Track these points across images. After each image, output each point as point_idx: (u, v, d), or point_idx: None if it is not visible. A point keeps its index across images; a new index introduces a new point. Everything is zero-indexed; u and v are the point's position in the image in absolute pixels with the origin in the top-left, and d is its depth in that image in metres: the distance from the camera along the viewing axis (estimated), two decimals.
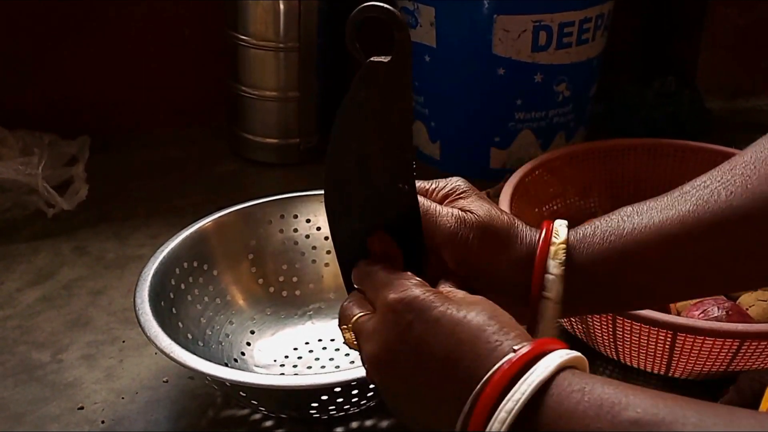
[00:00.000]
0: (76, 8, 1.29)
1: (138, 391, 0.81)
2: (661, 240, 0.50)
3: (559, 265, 0.50)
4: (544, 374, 0.39)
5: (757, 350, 0.74)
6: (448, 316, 0.43)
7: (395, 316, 0.44)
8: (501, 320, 0.43)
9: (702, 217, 0.49)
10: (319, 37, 1.22)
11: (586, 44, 1.17)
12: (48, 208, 1.11)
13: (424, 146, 1.28)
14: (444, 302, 0.44)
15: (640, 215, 0.51)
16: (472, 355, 0.41)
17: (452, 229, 0.50)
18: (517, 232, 0.52)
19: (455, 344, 0.42)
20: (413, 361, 0.43)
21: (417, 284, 0.46)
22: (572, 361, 0.41)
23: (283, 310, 0.90)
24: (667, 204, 0.51)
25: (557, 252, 0.50)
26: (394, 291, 0.45)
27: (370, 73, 0.45)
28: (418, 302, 0.44)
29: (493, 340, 0.41)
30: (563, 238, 0.51)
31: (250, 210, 0.90)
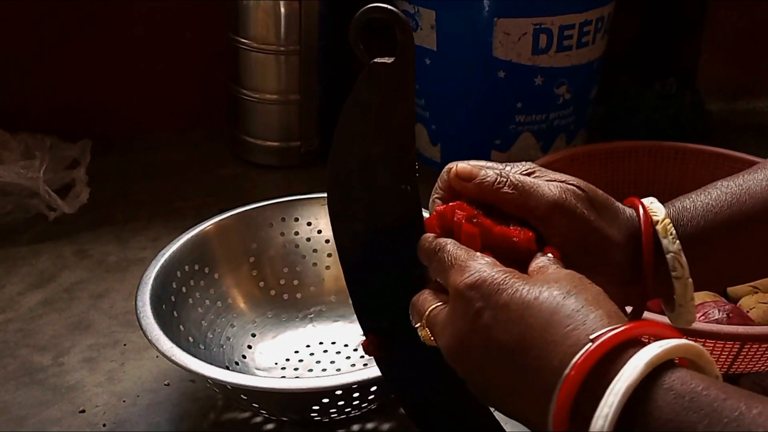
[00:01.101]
0: (78, 11, 1.29)
1: (139, 394, 0.81)
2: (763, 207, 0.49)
3: (674, 240, 0.48)
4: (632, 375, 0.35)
5: (757, 353, 0.74)
6: (517, 299, 0.40)
7: (465, 304, 0.42)
8: (584, 297, 0.39)
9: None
10: (319, 40, 1.22)
11: (586, 47, 1.17)
12: (49, 211, 1.11)
13: (425, 149, 1.28)
14: (515, 282, 0.41)
15: (737, 185, 0.51)
16: (542, 342, 0.38)
17: (558, 197, 0.47)
18: (617, 206, 0.50)
19: (525, 330, 0.39)
20: (485, 351, 0.41)
21: (487, 264, 0.43)
22: (671, 352, 0.36)
23: (284, 313, 0.90)
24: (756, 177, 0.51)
25: (666, 228, 0.49)
26: (462, 273, 0.42)
27: (374, 75, 0.45)
28: (486, 286, 0.41)
29: (566, 324, 0.38)
30: (664, 213, 0.49)
31: (251, 213, 0.90)
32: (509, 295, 0.40)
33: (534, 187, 0.47)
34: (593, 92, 1.27)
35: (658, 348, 0.36)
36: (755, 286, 0.89)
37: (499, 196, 0.48)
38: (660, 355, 0.36)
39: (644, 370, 0.35)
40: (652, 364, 0.35)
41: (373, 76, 0.45)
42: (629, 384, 0.35)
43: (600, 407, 0.35)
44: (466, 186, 0.49)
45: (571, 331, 0.37)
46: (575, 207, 0.47)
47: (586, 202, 0.48)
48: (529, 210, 0.47)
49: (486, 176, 0.48)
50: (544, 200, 0.47)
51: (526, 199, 0.47)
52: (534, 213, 0.47)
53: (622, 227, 0.49)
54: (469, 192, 0.49)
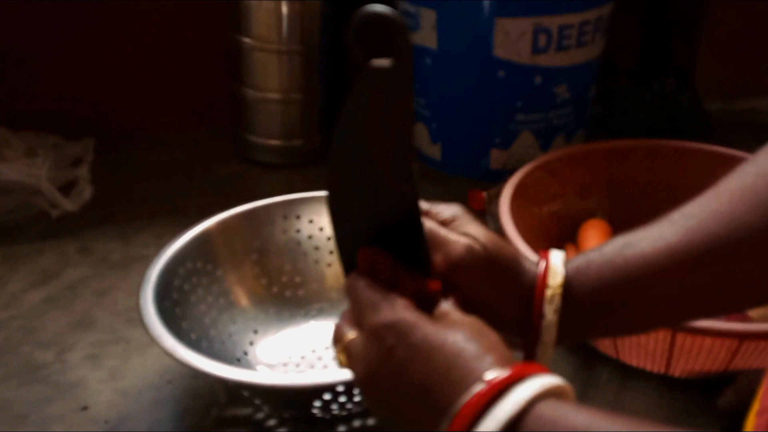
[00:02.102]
0: (81, 10, 1.29)
1: (142, 391, 0.81)
2: (651, 272, 0.51)
3: (555, 312, 0.51)
4: (512, 408, 0.39)
5: (756, 350, 0.74)
6: (427, 340, 0.43)
7: (378, 341, 0.45)
8: (484, 342, 0.43)
9: (689, 248, 0.50)
10: (321, 40, 1.23)
11: (585, 46, 1.18)
12: (52, 209, 1.12)
13: (426, 147, 1.28)
14: (426, 325, 0.44)
15: (632, 247, 0.52)
16: (445, 382, 0.42)
17: (461, 256, 0.51)
18: (520, 266, 0.53)
19: (431, 370, 0.42)
20: (393, 385, 0.44)
21: (402, 306, 0.46)
22: (552, 390, 0.41)
23: (286, 310, 0.90)
24: (657, 235, 0.52)
25: (553, 297, 0.52)
26: (378, 313, 0.46)
27: (372, 77, 0.45)
28: (400, 326, 0.44)
29: (467, 367, 0.41)
30: (560, 280, 0.52)
31: (254, 211, 0.91)
32: (421, 337, 0.44)
33: (444, 242, 0.51)
34: (592, 91, 1.28)
35: (539, 385, 0.40)
36: None
37: None
38: (542, 391, 0.40)
39: (527, 402, 0.39)
40: (534, 396, 0.40)
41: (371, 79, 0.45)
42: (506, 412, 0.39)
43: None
44: None
45: (469, 373, 0.41)
46: (475, 269, 0.51)
47: (486, 263, 0.51)
48: (436, 262, 0.51)
49: None
50: (448, 258, 0.51)
51: (435, 250, 0.51)
52: (439, 266, 0.51)
53: (521, 285, 0.53)
54: None
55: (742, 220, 0.49)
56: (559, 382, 0.42)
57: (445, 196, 1.16)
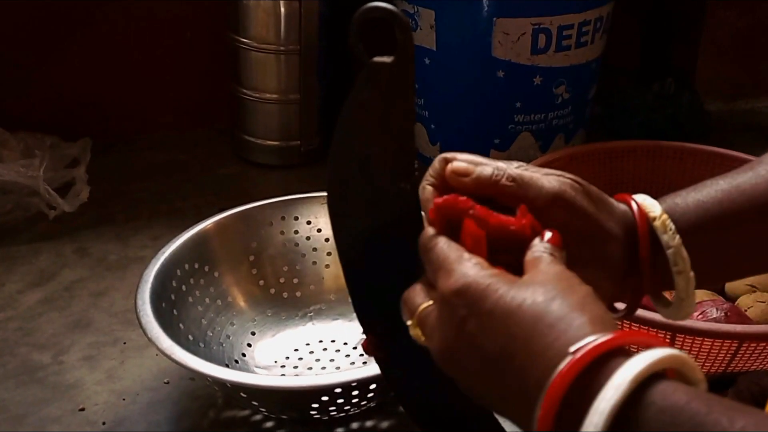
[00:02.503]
0: (79, 11, 1.29)
1: (139, 393, 0.81)
2: (752, 205, 0.50)
3: (673, 234, 0.48)
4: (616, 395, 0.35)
5: (755, 351, 0.74)
6: (501, 306, 0.39)
7: (450, 311, 0.41)
8: (569, 301, 0.38)
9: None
10: (319, 40, 1.23)
11: (585, 47, 1.17)
12: (49, 209, 1.12)
13: (424, 148, 1.28)
14: (499, 288, 0.40)
15: (727, 183, 0.51)
16: (525, 353, 0.38)
17: (558, 189, 0.47)
18: (611, 201, 0.50)
19: (508, 340, 0.39)
20: (472, 358, 0.41)
21: (474, 267, 0.42)
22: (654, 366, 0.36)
23: (284, 312, 0.90)
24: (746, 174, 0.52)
25: (665, 224, 0.48)
26: (448, 278, 0.42)
27: (373, 74, 0.45)
28: (471, 293, 0.40)
29: (548, 334, 0.37)
30: (660, 209, 0.49)
31: (252, 212, 0.90)
32: (493, 303, 0.40)
33: (532, 179, 0.47)
34: (592, 92, 1.28)
35: (642, 363, 0.36)
36: (753, 284, 0.90)
37: (498, 188, 0.48)
38: (643, 371, 0.35)
39: (628, 388, 0.35)
40: (635, 381, 0.35)
41: (372, 76, 0.45)
42: (613, 404, 0.35)
43: (585, 425, 0.35)
44: (463, 182, 0.49)
45: (554, 341, 0.37)
46: (574, 199, 0.47)
47: (584, 195, 0.48)
48: (528, 201, 0.47)
49: (483, 171, 0.49)
50: (543, 191, 0.47)
51: (525, 191, 0.47)
52: (534, 204, 0.47)
53: (619, 221, 0.49)
54: (466, 187, 0.49)
55: None
56: (671, 352, 0.37)
57: None
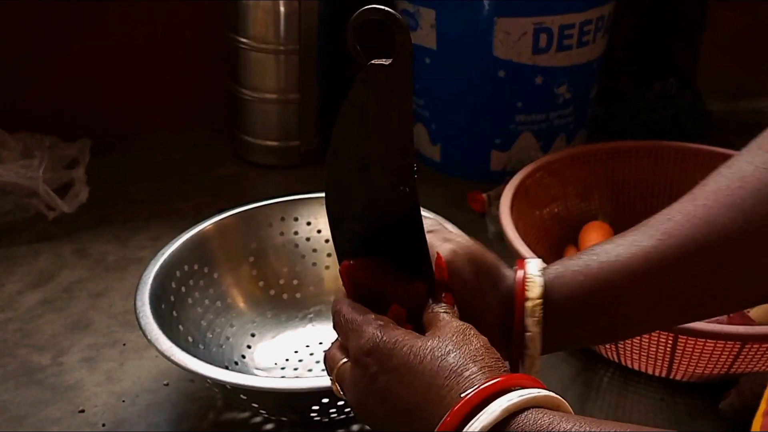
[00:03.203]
0: (77, 11, 1.29)
1: (139, 394, 0.81)
2: (628, 277, 0.51)
3: (536, 323, 0.52)
4: (488, 419, 0.39)
5: (758, 353, 0.74)
6: (406, 363, 0.44)
7: (362, 369, 0.46)
8: (463, 353, 0.43)
9: (665, 252, 0.50)
10: (319, 40, 1.22)
11: (586, 46, 1.17)
12: (48, 210, 1.11)
13: (425, 148, 1.28)
14: (404, 345, 0.44)
15: (607, 254, 0.52)
16: (426, 404, 0.42)
17: (447, 259, 0.51)
18: (501, 273, 0.54)
19: (412, 394, 0.43)
20: (382, 411, 0.45)
21: (380, 327, 0.46)
22: (532, 401, 0.40)
23: (284, 313, 0.90)
24: (633, 240, 0.52)
25: (534, 309, 0.52)
26: (358, 338, 0.46)
27: (371, 76, 0.44)
28: (379, 351, 0.45)
29: (444, 385, 0.42)
30: (538, 291, 0.52)
31: (251, 212, 0.90)
32: (398, 360, 0.44)
33: (431, 246, 0.51)
34: (593, 92, 1.27)
35: (517, 397, 0.40)
36: None
37: None
38: (518, 403, 0.40)
39: (500, 415, 0.39)
40: (508, 410, 0.39)
41: (370, 78, 0.45)
42: (483, 425, 0.39)
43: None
44: None
45: (449, 392, 0.41)
46: (459, 269, 0.51)
47: (471, 265, 0.52)
48: None
49: None
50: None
51: None
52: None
53: (500, 294, 0.53)
54: None
55: (716, 222, 0.49)
56: (546, 393, 0.41)
57: (444, 198, 1.17)
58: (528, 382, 0.42)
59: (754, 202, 0.49)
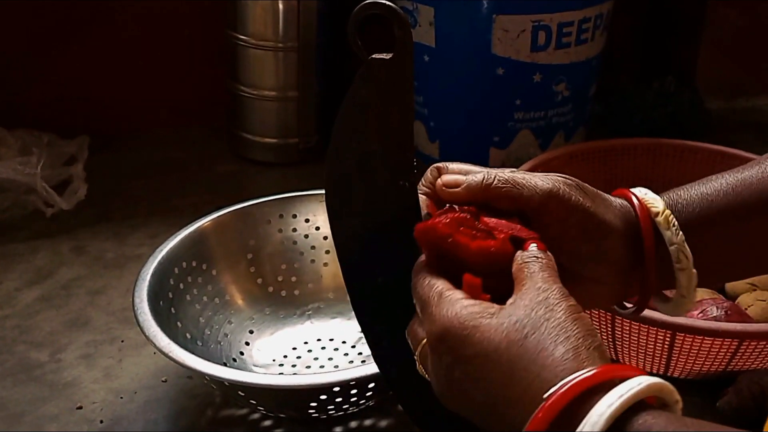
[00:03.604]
0: (76, 8, 1.29)
1: (137, 391, 0.81)
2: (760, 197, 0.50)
3: (676, 231, 0.48)
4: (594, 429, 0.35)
5: (756, 350, 0.74)
6: (480, 352, 0.40)
7: (438, 357, 0.42)
8: (545, 334, 0.39)
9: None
10: (318, 37, 1.22)
11: (585, 44, 1.17)
12: (47, 207, 1.11)
13: (424, 146, 1.28)
14: (477, 329, 0.40)
15: (731, 175, 0.51)
16: (504, 400, 0.39)
17: (552, 186, 0.47)
18: (607, 197, 0.50)
19: (489, 387, 0.39)
20: (463, 401, 0.42)
21: (452, 307, 0.42)
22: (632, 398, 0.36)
23: (282, 310, 0.90)
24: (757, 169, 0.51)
25: (668, 219, 0.48)
26: (431, 322, 0.43)
27: (372, 71, 0.45)
28: (451, 338, 0.41)
29: (523, 379, 0.38)
30: (663, 205, 0.49)
31: (249, 210, 0.90)
32: (472, 350, 0.40)
33: (525, 179, 0.47)
34: (592, 90, 1.27)
35: (617, 398, 0.36)
36: (753, 283, 0.89)
37: (491, 192, 0.47)
38: (618, 408, 0.36)
39: (605, 424, 0.35)
40: (612, 417, 0.35)
41: (371, 73, 0.45)
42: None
43: None
44: (453, 193, 0.49)
45: (528, 387, 0.38)
46: (570, 195, 0.47)
47: (579, 190, 0.48)
48: (524, 202, 0.47)
49: (473, 179, 0.48)
50: (537, 190, 0.47)
51: (519, 191, 0.47)
52: (529, 204, 0.47)
53: (618, 215, 0.49)
54: (458, 198, 0.48)
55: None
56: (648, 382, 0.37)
57: None
58: (624, 370, 0.38)
59: None
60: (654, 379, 0.37)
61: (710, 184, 0.52)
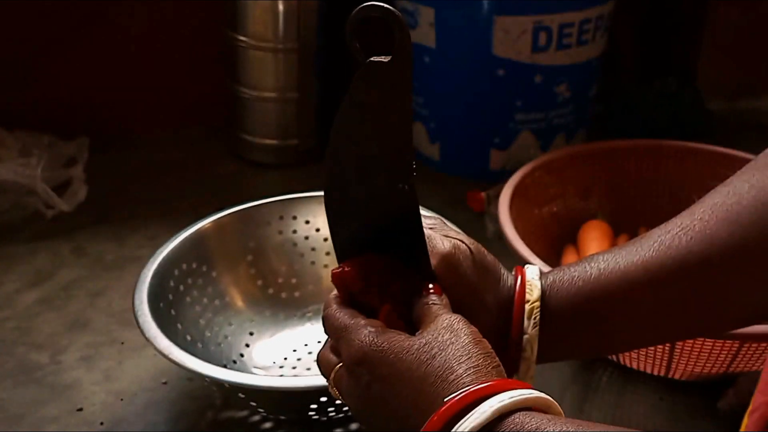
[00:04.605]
0: (76, 9, 1.29)
1: (137, 393, 0.81)
2: (626, 285, 0.51)
3: (534, 325, 0.52)
4: (477, 419, 0.40)
5: (756, 352, 0.74)
6: (395, 371, 0.44)
7: (356, 378, 0.46)
8: (449, 355, 0.43)
9: (664, 262, 0.51)
10: (317, 38, 1.22)
11: (586, 45, 1.17)
12: (47, 209, 1.11)
13: (424, 147, 1.27)
14: (391, 352, 0.44)
15: (606, 261, 0.53)
16: (416, 410, 0.43)
17: (448, 252, 0.50)
18: (500, 274, 0.54)
19: (404, 400, 0.43)
20: (379, 415, 0.46)
21: (368, 334, 0.46)
22: (522, 403, 0.41)
23: (282, 312, 0.89)
24: (632, 250, 0.52)
25: (532, 311, 0.52)
26: (349, 347, 0.46)
27: (370, 73, 0.44)
28: (369, 359, 0.45)
29: (431, 391, 0.42)
30: (537, 294, 0.52)
31: (249, 211, 0.90)
32: (388, 369, 0.44)
33: (430, 239, 0.51)
34: (593, 91, 1.27)
35: (508, 398, 0.40)
36: None
37: None
38: (508, 405, 0.40)
39: (491, 416, 0.40)
40: (498, 411, 0.40)
41: (369, 75, 0.44)
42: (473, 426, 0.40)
43: None
44: None
45: (434, 399, 0.42)
46: (459, 264, 0.51)
47: (471, 263, 0.51)
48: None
49: None
50: (434, 251, 0.50)
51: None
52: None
53: (499, 294, 0.53)
54: None
55: (714, 236, 0.50)
56: (537, 394, 0.42)
57: (443, 197, 1.16)
58: (517, 385, 0.42)
59: (751, 219, 0.49)
60: (538, 393, 0.42)
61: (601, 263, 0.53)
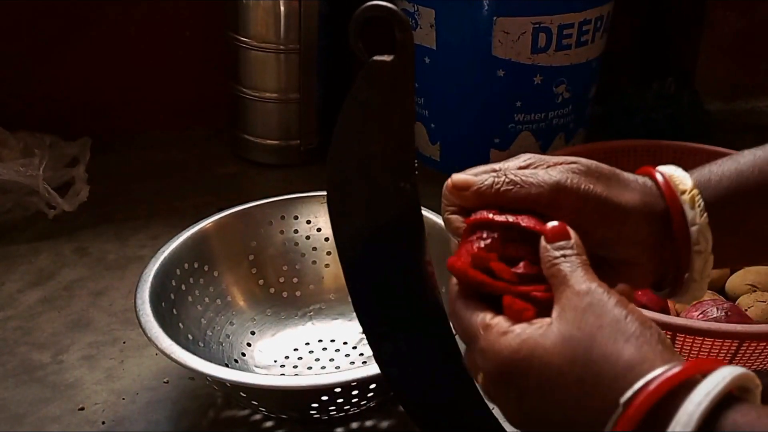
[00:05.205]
0: (78, 9, 1.29)
1: (138, 392, 0.81)
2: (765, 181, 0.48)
3: (701, 212, 0.47)
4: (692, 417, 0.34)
5: (756, 351, 0.74)
6: (546, 380, 0.39)
7: (504, 393, 0.41)
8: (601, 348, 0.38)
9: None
10: (319, 39, 1.22)
11: (585, 46, 1.17)
12: (49, 209, 1.11)
13: (424, 148, 1.28)
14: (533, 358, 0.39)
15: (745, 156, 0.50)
16: (585, 416, 0.38)
17: (558, 179, 0.46)
18: (626, 176, 0.48)
19: (566, 410, 0.39)
20: (542, 425, 0.41)
21: (500, 340, 0.41)
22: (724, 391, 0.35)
23: (284, 311, 0.90)
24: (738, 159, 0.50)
25: (694, 199, 0.47)
26: (482, 357, 0.42)
27: (373, 73, 0.45)
28: (509, 374, 0.40)
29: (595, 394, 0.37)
30: (692, 183, 0.48)
31: (251, 211, 0.90)
32: (536, 380, 0.39)
33: (531, 177, 0.46)
34: (592, 91, 1.28)
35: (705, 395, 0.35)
36: (753, 284, 0.89)
37: (500, 197, 0.47)
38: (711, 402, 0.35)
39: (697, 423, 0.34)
40: (703, 415, 0.34)
41: (372, 75, 0.45)
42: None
43: None
44: (465, 196, 0.48)
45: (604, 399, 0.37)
46: (578, 184, 0.46)
47: (588, 177, 0.46)
48: (532, 200, 0.46)
49: (483, 182, 0.48)
50: (545, 186, 0.46)
51: (527, 191, 0.46)
52: (539, 201, 0.46)
53: (637, 195, 0.47)
54: (469, 202, 0.48)
55: None
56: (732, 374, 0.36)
57: None
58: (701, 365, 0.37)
59: None
60: (736, 370, 0.36)
61: (742, 159, 0.50)
